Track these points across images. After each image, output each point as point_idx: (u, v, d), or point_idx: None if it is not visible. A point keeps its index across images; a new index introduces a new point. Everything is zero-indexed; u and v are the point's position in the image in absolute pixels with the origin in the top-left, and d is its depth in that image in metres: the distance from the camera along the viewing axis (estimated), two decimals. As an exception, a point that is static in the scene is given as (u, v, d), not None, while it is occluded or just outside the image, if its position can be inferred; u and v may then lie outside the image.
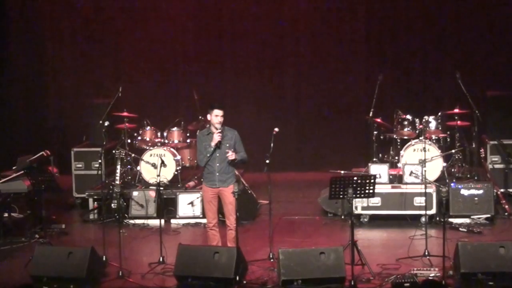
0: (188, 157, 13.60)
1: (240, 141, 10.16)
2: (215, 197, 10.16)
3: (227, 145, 10.07)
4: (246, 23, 15.96)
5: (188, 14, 16.02)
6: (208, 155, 10.03)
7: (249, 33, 15.97)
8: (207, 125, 10.58)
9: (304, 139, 16.05)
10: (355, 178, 9.86)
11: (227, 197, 10.02)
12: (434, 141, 12.97)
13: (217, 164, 10.05)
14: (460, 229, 11.65)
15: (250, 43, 15.98)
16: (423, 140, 12.42)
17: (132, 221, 12.51)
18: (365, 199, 11.84)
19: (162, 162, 11.26)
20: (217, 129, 9.98)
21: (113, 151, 12.86)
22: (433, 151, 12.60)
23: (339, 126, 15.85)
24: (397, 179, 12.52)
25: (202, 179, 10.48)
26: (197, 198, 12.43)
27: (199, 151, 10.23)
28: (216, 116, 10.00)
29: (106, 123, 12.22)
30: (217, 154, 10.04)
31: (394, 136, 13.24)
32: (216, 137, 9.95)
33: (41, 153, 12.43)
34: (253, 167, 11.91)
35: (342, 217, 12.33)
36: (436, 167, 12.58)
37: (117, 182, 12.56)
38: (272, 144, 10.42)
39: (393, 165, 12.92)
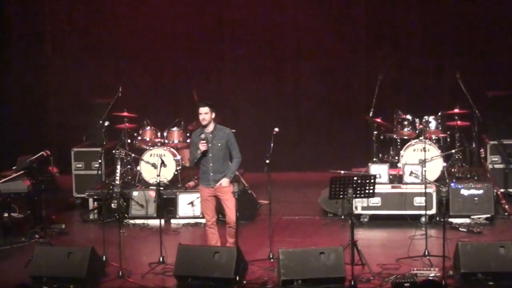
0: (188, 157, 13.56)
1: (233, 139, 10.09)
2: (211, 196, 10.14)
3: (219, 144, 10.03)
4: (246, 23, 15.96)
5: (189, 14, 16.02)
6: (195, 160, 10.05)
7: (249, 34, 15.96)
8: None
9: (304, 139, 16.05)
10: (355, 178, 9.85)
11: (224, 196, 10.02)
12: (434, 141, 12.96)
13: (211, 164, 10.02)
14: (460, 229, 11.64)
15: (250, 44, 15.97)
16: (423, 140, 12.41)
17: (132, 221, 12.51)
18: (365, 199, 11.83)
19: (162, 162, 11.24)
20: (203, 125, 9.98)
21: (113, 151, 12.87)
22: (433, 151, 12.59)
23: (339, 126, 15.86)
24: (397, 179, 12.52)
25: (200, 179, 10.50)
26: (197, 198, 12.39)
27: (191, 151, 10.26)
28: (200, 114, 10.02)
29: (106, 123, 12.22)
30: (210, 154, 10.02)
31: (394, 136, 13.23)
32: (201, 147, 9.95)
33: (41, 153, 12.43)
34: (253, 167, 11.90)
35: (342, 217, 12.33)
36: (436, 167, 12.58)
37: (117, 182, 12.55)
38: (272, 144, 10.40)
39: (393, 165, 12.91)
